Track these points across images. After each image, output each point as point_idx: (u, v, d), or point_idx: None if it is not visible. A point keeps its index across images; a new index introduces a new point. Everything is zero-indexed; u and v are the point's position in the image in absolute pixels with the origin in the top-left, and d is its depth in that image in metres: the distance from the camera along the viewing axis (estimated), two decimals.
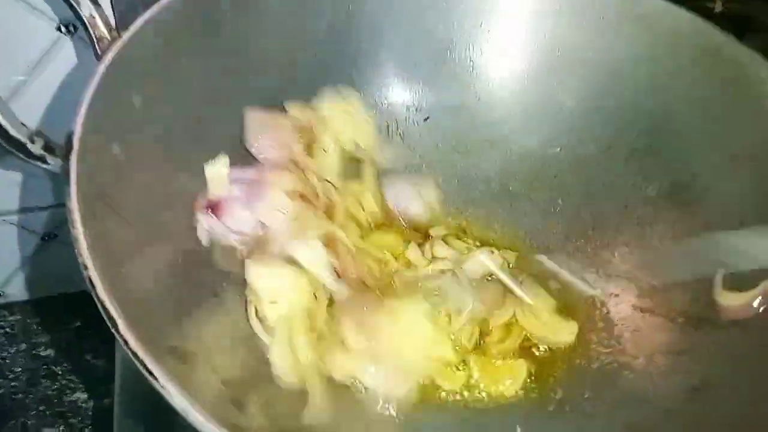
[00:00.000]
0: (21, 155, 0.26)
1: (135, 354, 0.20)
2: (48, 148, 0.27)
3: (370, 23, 0.44)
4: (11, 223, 0.61)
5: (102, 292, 0.22)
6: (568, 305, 0.42)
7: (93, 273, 0.23)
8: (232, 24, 0.38)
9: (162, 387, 0.20)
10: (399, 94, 0.47)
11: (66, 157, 0.27)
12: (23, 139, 0.26)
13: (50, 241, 0.65)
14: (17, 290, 0.66)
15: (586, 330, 0.40)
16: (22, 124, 0.26)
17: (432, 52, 0.46)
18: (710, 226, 0.41)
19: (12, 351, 0.62)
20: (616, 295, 0.42)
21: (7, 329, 0.64)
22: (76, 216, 0.25)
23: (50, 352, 0.62)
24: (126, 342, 0.21)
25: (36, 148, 0.26)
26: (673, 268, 0.41)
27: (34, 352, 0.62)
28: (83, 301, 0.66)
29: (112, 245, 0.26)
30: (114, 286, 0.23)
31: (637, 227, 0.44)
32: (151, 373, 0.20)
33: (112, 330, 0.21)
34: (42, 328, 0.64)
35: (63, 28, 0.51)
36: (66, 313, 0.65)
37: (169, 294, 0.28)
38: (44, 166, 0.27)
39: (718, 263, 0.38)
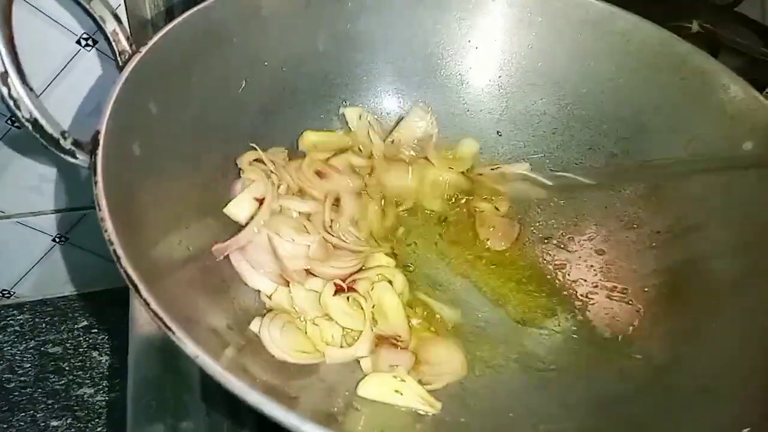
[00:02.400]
0: (54, 149, 0.29)
1: (155, 313, 0.23)
2: (77, 144, 0.30)
3: (366, 37, 0.48)
4: (25, 225, 0.64)
5: (125, 262, 0.25)
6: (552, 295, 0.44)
7: (117, 247, 0.26)
8: (240, 39, 0.42)
9: (179, 339, 0.23)
10: (392, 102, 0.51)
11: (93, 153, 0.30)
12: (56, 135, 0.29)
13: (61, 244, 0.68)
14: (27, 290, 0.69)
15: (566, 313, 0.43)
16: (56, 122, 0.29)
17: (423, 65, 0.50)
18: (681, 221, 0.44)
19: (21, 348, 0.64)
20: (595, 285, 0.45)
21: (17, 327, 0.66)
22: (103, 201, 0.28)
23: (58, 349, 0.65)
24: (147, 303, 0.24)
25: (67, 144, 0.29)
26: (647, 260, 0.45)
27: (42, 349, 0.64)
28: (90, 301, 0.69)
29: (132, 226, 0.29)
30: (134, 259, 0.26)
31: (616, 222, 0.47)
32: (168, 328, 0.23)
33: (135, 294, 0.24)
34: (50, 327, 0.66)
35: (83, 42, 0.56)
36: (73, 312, 0.68)
37: (183, 270, 0.31)
38: (73, 160, 0.30)
39: None
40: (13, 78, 0.26)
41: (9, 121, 0.59)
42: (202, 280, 0.33)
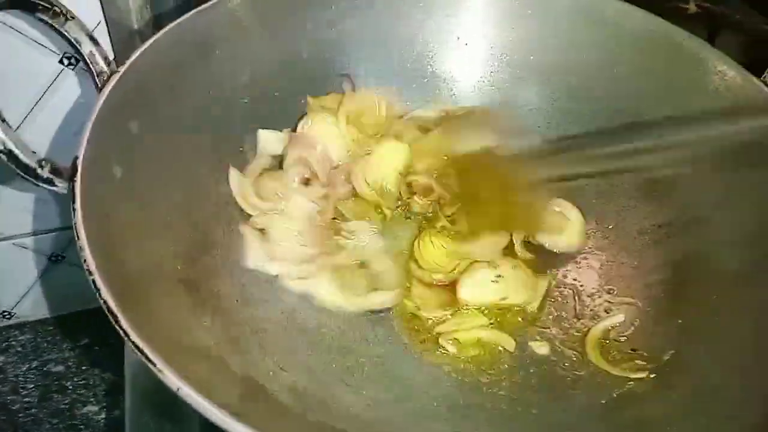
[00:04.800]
0: (31, 179, 0.29)
1: (135, 345, 0.23)
2: (55, 171, 0.29)
3: (350, 39, 0.47)
4: (22, 246, 0.64)
5: (106, 295, 0.25)
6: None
7: (97, 276, 0.25)
8: (222, 50, 0.41)
9: (159, 371, 0.22)
10: None
11: (71, 179, 0.29)
12: (32, 164, 0.28)
13: (58, 263, 0.67)
14: (27, 310, 0.68)
15: (558, 308, 0.42)
16: (32, 151, 0.29)
17: (411, 64, 0.49)
18: (680, 216, 0.43)
19: (24, 369, 0.64)
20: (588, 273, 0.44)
21: (19, 348, 0.66)
22: (82, 231, 0.27)
23: (61, 368, 0.64)
24: (127, 335, 0.23)
25: (44, 173, 0.29)
26: (649, 255, 0.44)
27: (45, 368, 0.64)
28: (91, 319, 0.68)
29: (115, 254, 0.28)
30: (115, 287, 0.25)
31: (615, 216, 0.46)
32: (150, 361, 0.22)
33: (115, 324, 0.24)
34: (52, 346, 0.66)
35: (66, 61, 0.55)
36: (75, 330, 0.67)
37: (170, 296, 0.30)
38: (51, 188, 0.29)
39: None
40: None
41: None
42: (190, 302, 0.32)
